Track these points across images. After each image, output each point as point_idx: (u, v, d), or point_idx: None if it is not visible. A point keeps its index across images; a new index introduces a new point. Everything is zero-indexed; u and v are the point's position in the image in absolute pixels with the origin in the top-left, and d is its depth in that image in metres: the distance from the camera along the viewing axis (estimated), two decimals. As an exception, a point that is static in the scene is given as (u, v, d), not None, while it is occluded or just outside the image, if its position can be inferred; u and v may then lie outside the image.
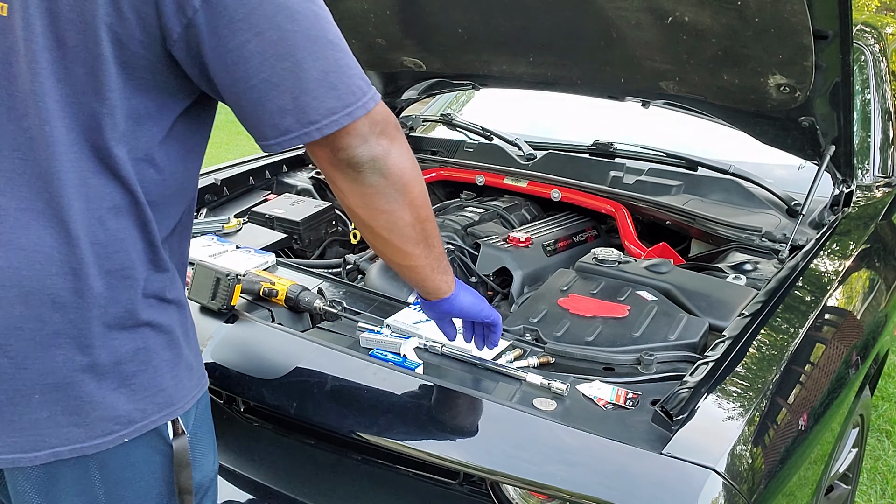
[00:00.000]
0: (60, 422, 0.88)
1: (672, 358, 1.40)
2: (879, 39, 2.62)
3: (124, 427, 0.92)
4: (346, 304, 1.55)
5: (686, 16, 1.67)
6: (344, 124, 0.89)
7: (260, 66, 0.85)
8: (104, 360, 0.90)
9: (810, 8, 1.49)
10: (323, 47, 0.87)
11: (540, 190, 2.30)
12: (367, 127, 0.92)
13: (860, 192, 2.16)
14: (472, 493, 1.29)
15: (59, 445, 0.89)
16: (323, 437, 1.39)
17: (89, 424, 0.89)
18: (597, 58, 2.00)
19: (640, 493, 1.06)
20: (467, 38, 2.10)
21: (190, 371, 1.00)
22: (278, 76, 0.85)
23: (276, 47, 0.85)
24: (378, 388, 1.29)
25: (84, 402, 0.89)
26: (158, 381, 0.95)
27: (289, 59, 0.85)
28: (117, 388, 0.91)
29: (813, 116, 1.82)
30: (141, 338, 0.93)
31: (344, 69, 0.89)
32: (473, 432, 1.20)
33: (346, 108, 0.89)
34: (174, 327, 0.97)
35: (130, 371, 0.92)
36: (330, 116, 0.88)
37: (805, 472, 1.34)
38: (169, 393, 0.96)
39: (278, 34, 0.84)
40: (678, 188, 2.15)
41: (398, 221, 1.02)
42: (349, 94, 0.89)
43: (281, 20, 0.84)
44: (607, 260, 1.78)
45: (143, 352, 0.93)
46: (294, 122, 0.88)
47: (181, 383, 0.98)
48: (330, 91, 0.88)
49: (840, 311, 1.66)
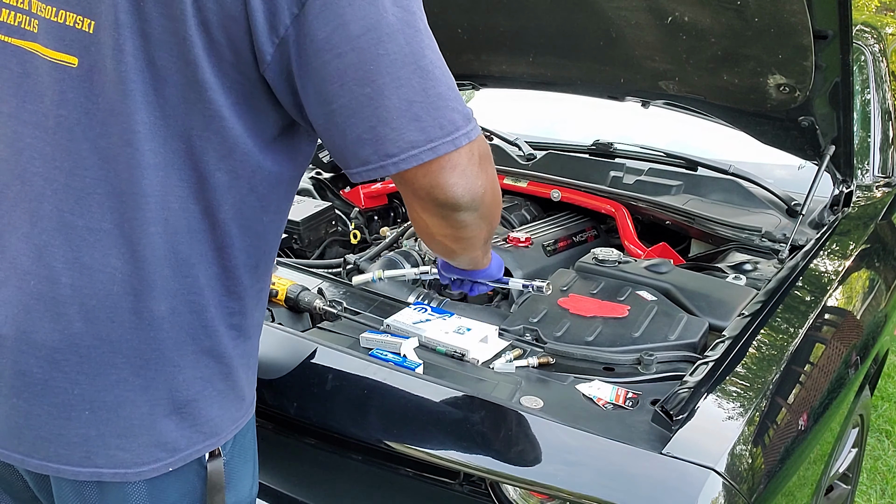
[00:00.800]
0: (109, 443, 0.87)
1: (672, 358, 1.40)
2: (879, 39, 2.62)
3: (170, 455, 0.89)
4: (346, 304, 1.55)
5: (686, 16, 1.67)
6: (425, 160, 0.82)
7: (339, 91, 0.80)
8: (159, 384, 0.88)
9: (810, 8, 1.49)
10: (410, 73, 0.80)
11: (540, 190, 2.30)
12: (461, 162, 0.85)
13: (860, 192, 2.16)
14: (472, 493, 1.29)
15: (104, 466, 0.87)
16: (323, 437, 1.39)
17: (136, 449, 0.88)
18: (597, 58, 2.00)
19: (640, 493, 1.06)
20: (467, 38, 2.10)
21: (241, 402, 0.97)
22: (357, 102, 0.80)
23: (357, 71, 0.79)
24: (378, 388, 1.29)
25: (134, 425, 0.87)
26: (209, 410, 0.92)
27: (369, 85, 0.79)
28: (168, 415, 0.89)
29: (813, 116, 1.82)
30: (200, 366, 0.90)
31: (433, 99, 0.82)
32: (473, 432, 1.20)
33: (430, 143, 0.82)
34: (235, 357, 0.94)
35: (184, 399, 0.89)
36: (409, 150, 0.81)
37: (805, 471, 1.34)
38: (216, 423, 0.93)
39: (360, 57, 0.78)
40: (678, 188, 2.15)
41: (476, 242, 1.01)
42: (435, 128, 0.82)
43: (366, 42, 0.78)
44: (607, 260, 1.78)
45: (199, 381, 0.90)
46: (372, 154, 0.82)
47: (229, 413, 0.95)
48: (412, 123, 0.81)
49: (840, 311, 1.66)
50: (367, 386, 1.29)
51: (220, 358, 0.92)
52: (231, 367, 0.93)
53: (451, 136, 0.83)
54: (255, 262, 0.93)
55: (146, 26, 0.79)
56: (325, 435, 1.36)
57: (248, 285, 0.93)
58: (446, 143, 0.83)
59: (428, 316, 1.49)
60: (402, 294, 1.80)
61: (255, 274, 0.93)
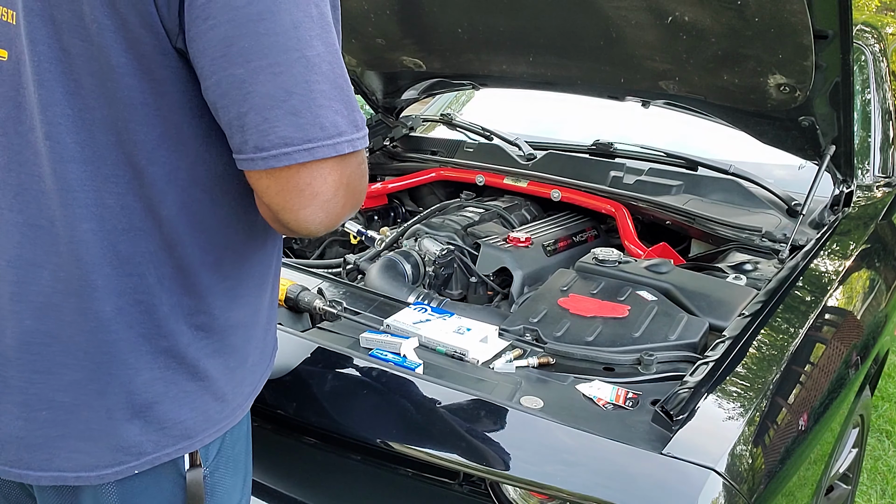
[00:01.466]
0: (71, 445, 0.85)
1: (672, 358, 1.40)
2: (879, 39, 2.62)
3: (135, 458, 0.86)
4: (346, 304, 1.55)
5: (686, 16, 1.67)
6: (300, 161, 0.73)
7: (210, 67, 0.72)
8: (115, 386, 0.84)
9: (810, 8, 1.49)
10: (293, 62, 0.71)
11: (540, 190, 2.30)
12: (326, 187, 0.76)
13: (860, 192, 2.16)
14: (472, 493, 1.29)
15: (67, 470, 0.85)
16: (323, 437, 1.39)
17: (98, 453, 0.85)
18: (597, 58, 2.00)
19: (640, 493, 1.06)
20: (467, 38, 2.10)
21: (220, 403, 0.92)
22: (227, 83, 0.72)
23: (231, 47, 0.70)
24: (378, 388, 1.28)
25: (94, 428, 0.85)
26: (176, 413, 0.87)
27: (242, 66, 0.71)
28: (130, 418, 0.85)
29: (813, 116, 1.82)
30: (159, 367, 0.86)
31: (315, 95, 0.73)
32: (473, 432, 1.19)
33: (307, 143, 0.73)
34: (203, 358, 0.88)
35: (145, 401, 0.85)
36: (281, 147, 0.73)
37: (805, 472, 1.34)
38: (187, 426, 0.88)
39: (237, 31, 0.70)
40: (678, 188, 2.15)
41: None
42: (315, 127, 0.73)
43: (245, 15, 0.70)
44: (607, 260, 1.78)
45: (160, 382, 0.86)
46: (241, 143, 0.74)
47: (205, 416, 0.90)
48: (287, 117, 0.72)
49: (840, 311, 1.66)
50: (367, 386, 1.29)
51: (183, 359, 0.87)
52: (199, 367, 0.89)
53: (333, 139, 0.74)
54: (216, 259, 0.87)
55: (55, 11, 0.74)
56: (325, 435, 1.36)
57: (211, 283, 0.87)
58: (325, 147, 0.74)
59: (428, 316, 1.49)
60: (402, 294, 1.80)
61: (217, 271, 0.87)
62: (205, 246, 0.86)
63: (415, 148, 2.70)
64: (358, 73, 2.56)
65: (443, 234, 2.08)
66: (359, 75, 2.57)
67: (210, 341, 0.89)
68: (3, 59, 0.79)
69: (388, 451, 1.25)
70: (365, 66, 2.52)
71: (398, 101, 2.72)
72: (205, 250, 0.86)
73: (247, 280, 0.93)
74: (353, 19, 2.23)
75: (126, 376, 0.85)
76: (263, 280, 0.98)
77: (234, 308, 0.92)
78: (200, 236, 0.85)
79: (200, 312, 0.88)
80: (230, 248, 0.89)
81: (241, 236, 0.90)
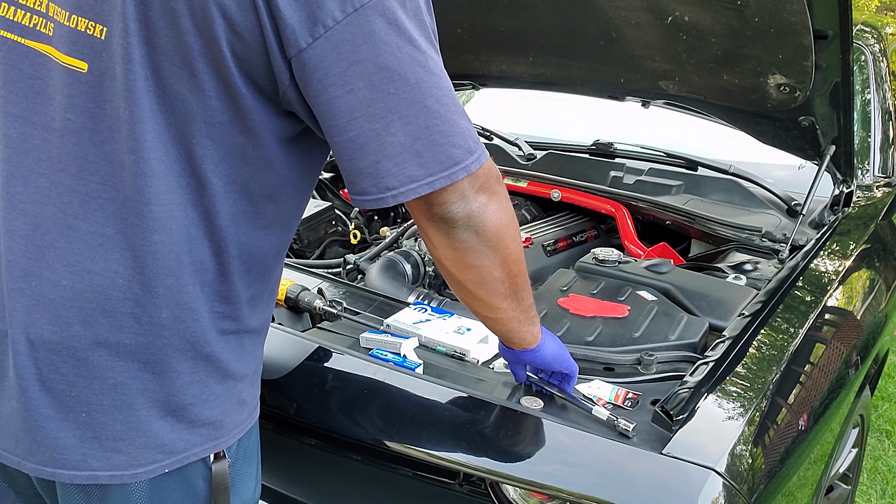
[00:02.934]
0: (106, 445, 0.87)
1: (672, 358, 1.40)
2: (879, 39, 2.62)
3: (166, 457, 0.89)
4: (346, 304, 1.55)
5: (686, 16, 1.67)
6: (422, 193, 0.85)
7: (347, 125, 0.82)
8: (157, 388, 0.88)
9: (810, 8, 1.49)
10: (417, 112, 0.82)
11: (540, 190, 2.30)
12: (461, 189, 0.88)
13: (860, 192, 2.16)
14: (472, 493, 1.29)
15: (100, 469, 0.87)
16: (323, 437, 1.39)
17: (132, 452, 0.88)
18: (597, 58, 2.00)
19: (640, 493, 1.06)
20: (467, 38, 2.10)
21: (241, 405, 0.97)
22: (364, 137, 0.82)
23: (367, 108, 0.81)
24: (378, 388, 1.29)
25: (130, 428, 0.88)
26: (207, 413, 0.92)
27: (378, 122, 0.81)
28: (164, 417, 0.89)
29: (813, 116, 1.82)
30: (197, 370, 0.90)
31: (435, 136, 0.84)
32: (473, 432, 1.20)
33: (429, 178, 0.84)
34: (230, 361, 0.94)
35: (182, 402, 0.90)
36: (408, 184, 0.84)
37: (805, 472, 1.34)
38: (216, 426, 0.93)
39: (371, 94, 0.80)
40: (678, 188, 2.15)
41: (487, 277, 0.97)
42: (435, 164, 0.84)
43: (378, 80, 0.80)
44: (607, 260, 1.78)
45: (196, 385, 0.90)
46: (371, 186, 0.84)
47: (230, 417, 0.95)
48: (413, 158, 0.83)
49: (840, 311, 1.66)
50: (367, 386, 1.29)
51: (216, 362, 0.92)
52: (226, 370, 0.93)
53: (449, 170, 0.85)
54: (248, 269, 0.93)
55: (153, 36, 0.79)
56: (325, 435, 1.36)
57: (241, 291, 0.93)
58: (443, 178, 0.85)
59: (428, 316, 1.49)
60: (402, 294, 1.80)
61: (245, 280, 0.93)
62: (241, 255, 0.91)
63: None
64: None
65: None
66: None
67: (234, 346, 0.94)
68: (82, 71, 0.82)
69: (388, 451, 1.25)
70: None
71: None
72: (242, 259, 0.91)
73: (267, 290, 1.00)
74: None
75: (168, 379, 0.88)
76: (275, 290, 1.04)
77: (254, 315, 0.97)
78: (241, 246, 0.91)
79: (228, 318, 0.92)
80: (261, 259, 0.94)
81: (271, 250, 0.96)
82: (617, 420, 1.13)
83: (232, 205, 0.87)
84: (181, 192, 0.84)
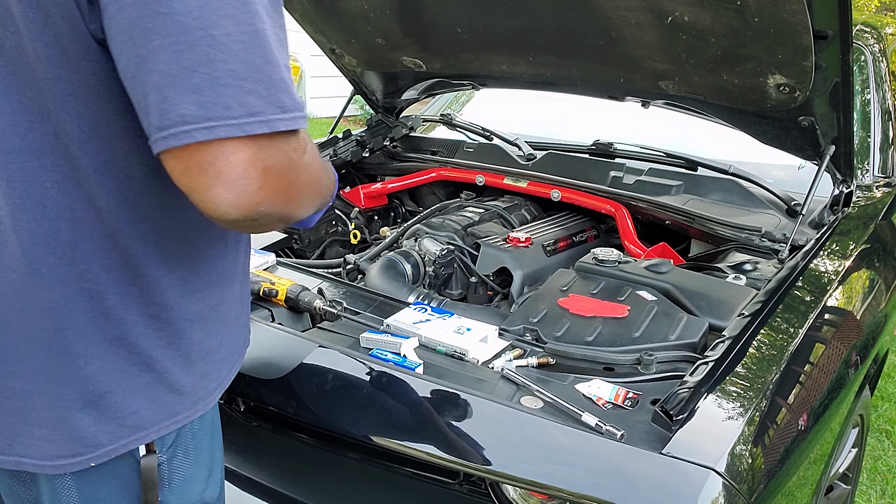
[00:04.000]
0: (34, 433, 0.86)
1: (672, 358, 1.40)
2: (879, 39, 2.62)
3: (91, 451, 0.87)
4: (346, 304, 1.55)
5: (686, 16, 1.67)
6: (199, 139, 0.69)
7: (119, 50, 0.71)
8: (67, 375, 0.85)
9: (810, 8, 1.49)
10: (196, 40, 0.69)
11: (540, 190, 2.30)
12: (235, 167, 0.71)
13: (860, 192, 2.17)
14: (472, 493, 1.29)
15: (27, 456, 0.87)
16: (323, 437, 1.39)
17: (58, 442, 0.86)
18: (597, 58, 2.00)
19: (640, 493, 1.06)
20: (467, 38, 2.10)
21: (178, 395, 0.92)
22: (133, 64, 0.70)
23: (135, 29, 0.69)
24: (378, 388, 1.29)
25: (51, 417, 0.86)
26: (130, 403, 0.88)
27: (144, 46, 0.69)
28: (84, 408, 0.86)
29: (813, 116, 1.82)
30: (111, 356, 0.86)
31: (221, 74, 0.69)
32: (473, 432, 1.20)
33: (208, 122, 0.69)
34: (157, 349, 0.89)
35: (97, 391, 0.86)
36: (180, 125, 0.69)
37: (805, 472, 1.34)
38: (142, 416, 0.89)
39: (139, 13, 0.68)
40: (678, 188, 2.15)
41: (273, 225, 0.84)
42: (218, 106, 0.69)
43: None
44: (607, 260, 1.78)
45: (113, 372, 0.86)
46: (147, 125, 0.72)
47: (162, 407, 0.91)
48: (189, 94, 0.69)
49: (840, 311, 1.66)
50: (367, 386, 1.29)
51: (134, 348, 0.87)
52: (152, 358, 0.89)
53: (239, 119, 0.70)
54: (161, 250, 0.86)
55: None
56: (324, 434, 1.37)
57: (158, 275, 0.87)
58: (230, 126, 0.70)
59: (428, 316, 1.49)
60: (402, 294, 1.80)
61: (163, 263, 0.87)
62: (147, 237, 0.85)
63: (415, 148, 2.70)
64: (358, 73, 2.56)
65: (443, 234, 2.08)
66: (359, 75, 2.57)
67: (165, 333, 0.89)
68: None
69: (388, 451, 1.25)
70: (365, 66, 2.52)
71: (398, 101, 2.72)
72: (147, 241, 0.86)
73: (204, 274, 0.93)
74: (353, 19, 2.23)
75: (77, 365, 0.85)
76: (227, 275, 0.97)
77: (191, 301, 0.91)
78: (141, 227, 0.85)
79: (151, 303, 0.87)
80: (175, 239, 0.88)
81: (188, 229, 0.89)
82: (605, 427, 1.12)
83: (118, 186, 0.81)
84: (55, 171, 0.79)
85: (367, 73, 2.57)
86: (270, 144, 0.73)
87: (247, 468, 1.48)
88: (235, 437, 1.53)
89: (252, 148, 0.71)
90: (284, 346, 1.41)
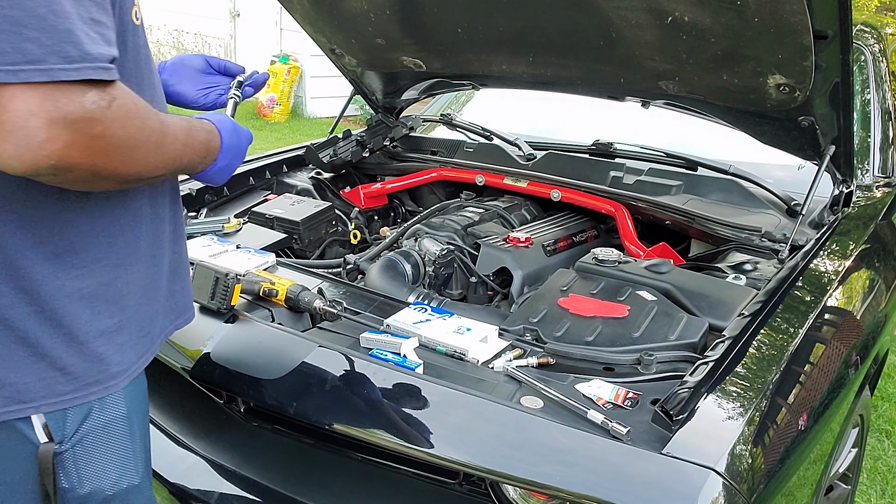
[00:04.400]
0: None
1: (672, 358, 1.40)
2: (879, 39, 2.62)
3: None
4: (346, 304, 1.55)
5: (686, 16, 1.67)
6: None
7: None
8: None
9: (810, 8, 1.49)
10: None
11: (540, 190, 2.30)
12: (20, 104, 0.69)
13: (860, 192, 2.17)
14: (472, 493, 1.29)
15: None
16: (323, 437, 1.40)
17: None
18: (597, 58, 2.00)
19: (640, 493, 1.06)
20: (467, 38, 2.10)
21: (64, 374, 0.91)
22: None
23: None
24: (378, 388, 1.29)
25: None
26: (3, 374, 0.88)
27: None
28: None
29: (813, 116, 1.82)
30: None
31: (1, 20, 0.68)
32: (473, 432, 1.20)
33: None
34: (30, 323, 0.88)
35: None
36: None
37: (805, 472, 1.34)
38: (18, 389, 0.89)
39: None
40: (678, 188, 2.15)
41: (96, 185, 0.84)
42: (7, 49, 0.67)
43: None
44: (607, 260, 1.78)
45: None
46: None
47: (44, 384, 0.90)
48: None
49: (840, 311, 1.66)
50: (367, 386, 1.29)
51: (6, 321, 0.87)
52: (27, 332, 0.88)
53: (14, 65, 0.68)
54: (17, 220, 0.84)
55: None
56: (325, 435, 1.37)
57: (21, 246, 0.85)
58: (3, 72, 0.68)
59: (428, 316, 1.49)
60: (402, 294, 1.80)
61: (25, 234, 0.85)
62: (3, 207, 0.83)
63: (415, 148, 2.70)
64: (358, 73, 2.56)
65: (443, 234, 2.08)
66: (359, 75, 2.57)
67: (39, 307, 0.88)
68: None
69: (388, 451, 1.25)
70: (365, 66, 2.52)
71: (398, 101, 2.72)
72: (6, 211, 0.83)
73: (82, 250, 0.90)
74: (353, 19, 2.23)
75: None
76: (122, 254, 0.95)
77: (67, 277, 0.89)
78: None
79: (20, 277, 0.86)
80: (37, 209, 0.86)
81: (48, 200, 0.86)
82: (611, 424, 1.12)
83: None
84: None
85: (367, 73, 2.57)
86: (59, 95, 0.70)
87: (247, 468, 1.48)
88: (235, 437, 1.53)
89: (34, 97, 0.69)
90: (284, 346, 1.41)
